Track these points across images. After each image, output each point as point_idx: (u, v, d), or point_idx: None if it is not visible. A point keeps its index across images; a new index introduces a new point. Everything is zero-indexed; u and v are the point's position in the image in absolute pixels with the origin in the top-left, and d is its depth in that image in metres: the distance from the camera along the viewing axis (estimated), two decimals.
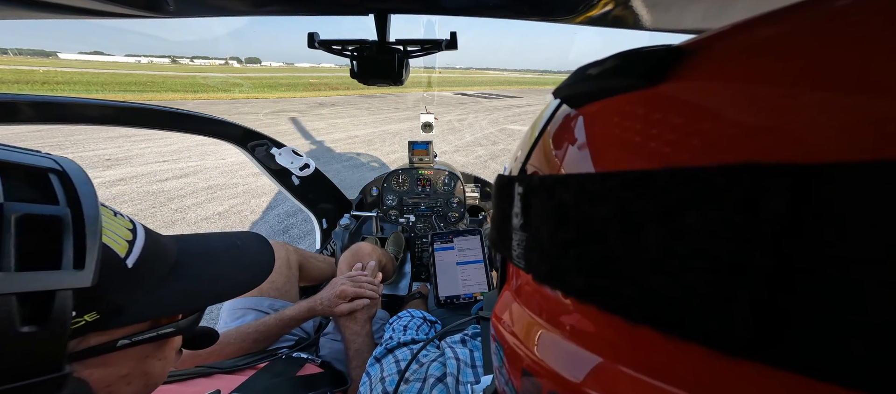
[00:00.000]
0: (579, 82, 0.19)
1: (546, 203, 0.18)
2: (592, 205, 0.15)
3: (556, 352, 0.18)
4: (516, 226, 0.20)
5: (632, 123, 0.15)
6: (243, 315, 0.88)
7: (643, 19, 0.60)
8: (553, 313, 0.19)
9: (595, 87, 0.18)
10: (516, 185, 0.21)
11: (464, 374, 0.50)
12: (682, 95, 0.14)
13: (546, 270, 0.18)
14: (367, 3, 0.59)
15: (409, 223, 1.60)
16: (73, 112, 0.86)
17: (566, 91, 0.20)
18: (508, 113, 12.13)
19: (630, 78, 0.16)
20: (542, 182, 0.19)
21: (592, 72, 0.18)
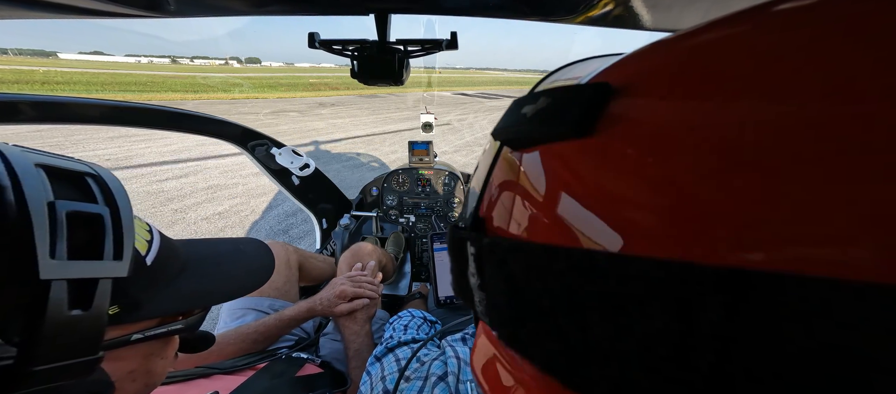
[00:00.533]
0: (516, 124, 0.17)
1: (498, 271, 0.17)
2: (541, 281, 0.14)
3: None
4: (474, 285, 0.19)
5: (571, 180, 0.14)
6: (243, 315, 0.88)
7: (643, 19, 0.60)
8: (517, 366, 0.19)
9: (530, 130, 0.16)
10: (468, 244, 0.19)
11: (465, 372, 0.50)
12: (612, 152, 0.13)
13: (507, 334, 0.17)
14: (368, 3, 0.59)
15: (409, 223, 1.60)
16: (73, 112, 0.86)
17: (503, 134, 0.19)
18: None
19: (562, 127, 0.14)
20: (493, 248, 0.17)
21: (527, 111, 0.17)
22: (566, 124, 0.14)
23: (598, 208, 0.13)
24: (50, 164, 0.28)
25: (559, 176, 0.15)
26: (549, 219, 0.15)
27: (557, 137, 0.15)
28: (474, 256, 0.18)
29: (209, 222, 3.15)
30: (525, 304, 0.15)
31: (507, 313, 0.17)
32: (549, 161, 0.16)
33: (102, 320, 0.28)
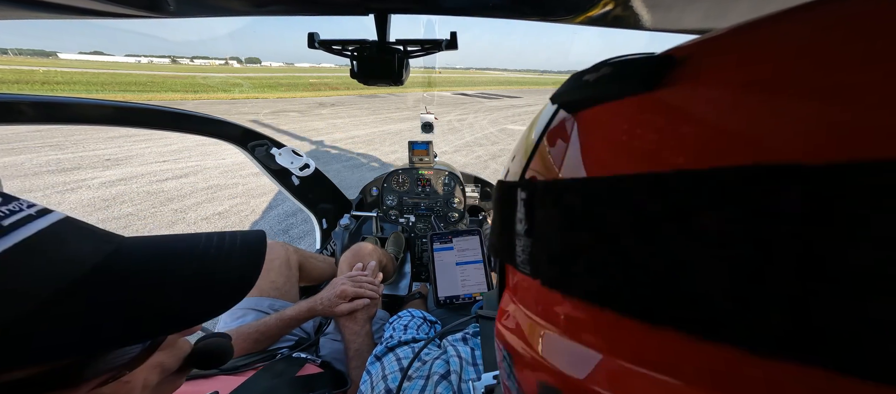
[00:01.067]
0: (577, 88, 0.19)
1: (552, 208, 0.18)
2: (603, 208, 0.15)
3: (559, 351, 0.18)
4: (520, 231, 0.20)
5: (633, 127, 0.16)
6: (243, 315, 0.89)
7: (643, 19, 0.60)
8: (555, 314, 0.19)
9: (593, 92, 0.18)
10: (519, 190, 0.21)
11: (466, 371, 0.50)
12: (679, 100, 0.14)
13: (554, 275, 0.18)
14: (368, 3, 0.59)
15: (409, 223, 1.60)
16: (73, 112, 0.86)
17: (565, 97, 0.20)
18: (508, 113, 12.13)
19: (627, 83, 0.16)
20: (548, 187, 0.19)
21: (589, 78, 0.18)
22: (634, 81, 0.16)
23: (660, 141, 0.14)
24: None
25: (619, 125, 0.16)
26: (609, 158, 0.17)
27: (624, 93, 0.16)
28: (525, 202, 0.20)
29: (209, 222, 3.16)
30: (581, 235, 0.16)
31: (559, 250, 0.17)
32: (610, 120, 0.17)
33: None
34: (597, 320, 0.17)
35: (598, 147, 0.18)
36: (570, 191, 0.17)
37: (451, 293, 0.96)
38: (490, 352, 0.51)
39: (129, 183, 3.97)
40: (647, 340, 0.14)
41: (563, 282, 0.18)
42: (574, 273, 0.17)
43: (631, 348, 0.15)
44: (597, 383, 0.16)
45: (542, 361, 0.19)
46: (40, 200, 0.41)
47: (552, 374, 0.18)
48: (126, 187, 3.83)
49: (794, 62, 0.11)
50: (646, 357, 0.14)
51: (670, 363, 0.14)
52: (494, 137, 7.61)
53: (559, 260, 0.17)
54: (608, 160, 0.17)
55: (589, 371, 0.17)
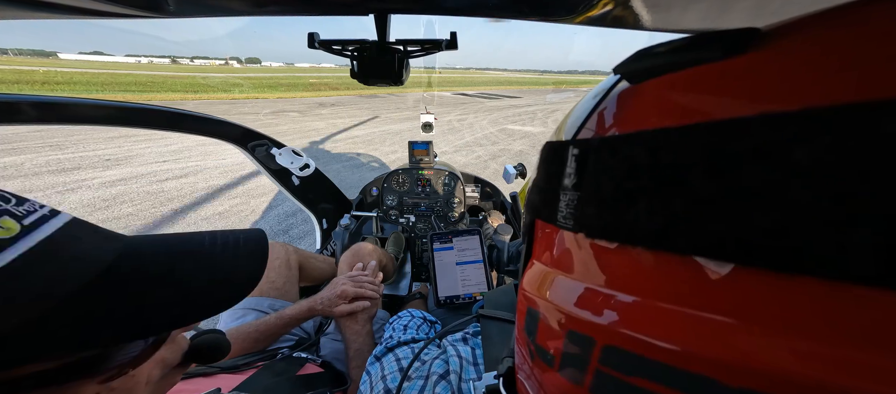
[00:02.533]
0: (644, 59, 0.20)
1: (610, 159, 0.19)
2: (671, 154, 0.16)
3: (607, 306, 0.19)
4: (568, 186, 0.22)
5: (707, 89, 0.17)
6: (244, 315, 0.89)
7: (643, 19, 0.60)
8: (606, 270, 0.20)
9: (665, 61, 0.19)
10: (571, 148, 0.22)
11: (466, 371, 0.50)
12: (766, 64, 0.15)
13: (604, 224, 0.19)
14: (368, 3, 0.59)
15: (410, 223, 1.61)
16: (74, 112, 0.86)
17: (630, 67, 0.21)
18: (508, 113, 12.13)
19: (710, 51, 0.17)
20: (605, 141, 0.20)
21: (661, 49, 0.19)
22: (717, 49, 0.17)
23: (734, 93, 0.16)
24: None
25: (692, 88, 0.18)
26: (677, 113, 0.18)
27: (697, 61, 0.17)
28: (577, 157, 0.21)
29: (209, 222, 3.16)
30: (642, 181, 0.17)
31: (611, 199, 0.19)
32: (681, 85, 0.18)
33: None
34: (639, 265, 0.18)
35: (663, 106, 0.19)
36: (630, 143, 0.18)
37: (452, 293, 0.96)
38: (491, 352, 0.51)
39: (129, 183, 3.97)
40: (699, 280, 0.15)
41: (613, 230, 0.19)
42: (629, 220, 0.17)
43: (678, 290, 0.16)
44: (631, 327, 0.17)
45: (572, 313, 0.20)
46: (41, 201, 0.42)
47: (583, 324, 0.20)
48: (126, 187, 3.84)
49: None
50: (698, 297, 0.15)
51: (728, 301, 0.14)
52: (494, 137, 7.61)
53: (611, 209, 0.19)
54: (677, 114, 0.18)
55: (622, 316, 0.18)
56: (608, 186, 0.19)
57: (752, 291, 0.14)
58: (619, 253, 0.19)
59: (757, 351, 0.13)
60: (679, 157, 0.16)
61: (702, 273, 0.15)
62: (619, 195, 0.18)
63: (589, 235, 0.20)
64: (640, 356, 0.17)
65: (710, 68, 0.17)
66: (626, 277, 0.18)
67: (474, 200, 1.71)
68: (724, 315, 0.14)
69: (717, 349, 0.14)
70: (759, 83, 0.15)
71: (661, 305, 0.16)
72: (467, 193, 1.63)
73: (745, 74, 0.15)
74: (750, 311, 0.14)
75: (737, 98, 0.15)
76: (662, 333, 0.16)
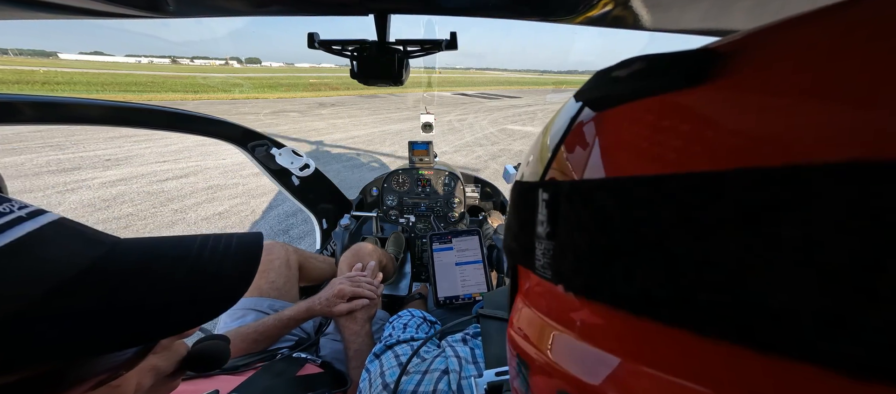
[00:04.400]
0: (605, 85, 0.18)
1: (582, 209, 0.17)
2: (645, 210, 0.14)
3: (577, 357, 0.18)
4: (541, 234, 0.20)
5: (675, 124, 0.15)
6: (243, 316, 0.89)
7: (643, 19, 0.60)
8: (574, 319, 0.19)
9: (626, 89, 0.17)
10: (540, 191, 0.20)
11: (466, 370, 0.51)
12: (736, 94, 0.13)
13: (582, 282, 0.17)
14: (368, 3, 0.59)
15: (410, 223, 1.61)
16: (74, 112, 0.86)
17: (591, 94, 0.19)
18: (508, 113, 12.14)
19: (669, 79, 0.15)
20: (576, 187, 0.18)
21: (620, 74, 0.17)
22: (676, 76, 0.15)
23: (704, 137, 0.13)
24: None
25: (657, 123, 0.15)
26: (648, 156, 0.15)
27: (665, 89, 0.15)
28: (547, 203, 0.19)
29: (209, 223, 3.16)
30: (617, 238, 0.15)
31: (587, 255, 0.17)
32: (647, 117, 0.16)
33: None
34: (625, 326, 0.16)
35: (631, 147, 0.16)
36: (602, 191, 0.16)
37: (451, 294, 0.96)
38: (492, 350, 0.51)
39: (129, 183, 3.97)
40: (685, 348, 0.14)
41: (593, 289, 0.17)
42: (607, 280, 0.16)
43: (664, 357, 0.14)
44: (615, 390, 0.16)
45: (558, 367, 0.19)
46: (41, 201, 0.40)
47: (569, 381, 0.18)
48: (126, 188, 3.84)
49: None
50: (683, 366, 0.14)
51: (710, 374, 0.13)
52: (494, 137, 7.61)
53: (588, 266, 0.17)
54: (644, 160, 0.16)
55: (606, 377, 0.16)
56: (582, 239, 0.17)
57: (744, 368, 0.12)
58: (602, 310, 0.17)
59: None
60: (651, 214, 0.14)
61: (683, 343, 0.14)
62: (596, 251, 0.16)
63: (568, 290, 0.18)
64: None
65: (675, 98, 0.15)
66: (611, 335, 0.17)
67: (474, 200, 1.70)
68: (703, 386, 0.13)
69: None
70: (729, 122, 0.13)
71: (646, 370, 0.15)
72: (467, 193, 1.63)
73: (712, 110, 0.13)
74: (733, 385, 0.12)
75: (707, 144, 0.13)
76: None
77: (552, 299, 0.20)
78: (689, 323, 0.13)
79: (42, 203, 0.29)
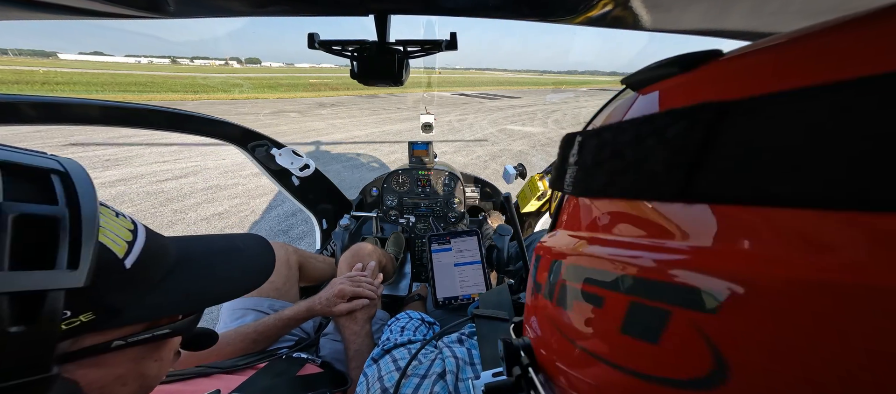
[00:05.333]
0: (640, 73, 0.26)
1: (591, 142, 0.25)
2: (615, 138, 0.23)
3: (572, 241, 0.27)
4: (570, 162, 0.28)
5: (656, 97, 0.23)
6: (243, 316, 0.88)
7: (643, 20, 0.60)
8: (585, 220, 0.28)
9: (649, 75, 0.25)
10: (578, 137, 0.28)
11: (463, 371, 0.51)
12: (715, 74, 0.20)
13: (585, 186, 0.26)
14: (368, 3, 0.59)
15: (409, 224, 1.61)
16: (74, 113, 0.86)
17: (631, 79, 0.27)
18: (508, 113, 12.14)
19: (675, 67, 0.22)
20: (593, 131, 0.26)
21: (652, 65, 0.24)
22: (679, 66, 0.22)
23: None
24: (7, 160, 0.25)
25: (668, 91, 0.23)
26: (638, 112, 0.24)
27: (673, 73, 0.22)
28: (580, 143, 0.27)
29: (209, 223, 3.16)
30: (603, 157, 0.24)
31: (590, 168, 0.25)
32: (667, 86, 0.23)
33: (53, 335, 0.25)
34: (592, 209, 0.26)
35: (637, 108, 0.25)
36: (603, 131, 0.24)
37: (450, 294, 0.96)
38: (488, 351, 0.51)
39: (129, 183, 3.97)
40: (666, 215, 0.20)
41: (584, 188, 0.26)
42: (593, 181, 0.24)
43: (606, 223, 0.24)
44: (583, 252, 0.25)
45: (551, 245, 0.30)
46: None
47: (556, 253, 0.28)
48: (126, 188, 3.83)
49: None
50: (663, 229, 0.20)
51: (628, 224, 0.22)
52: (494, 137, 7.61)
53: (588, 174, 0.25)
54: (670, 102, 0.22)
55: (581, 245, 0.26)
56: (588, 159, 0.25)
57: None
58: (587, 203, 0.27)
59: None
60: (618, 140, 0.22)
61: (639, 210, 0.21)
62: (592, 165, 0.25)
63: (574, 194, 0.28)
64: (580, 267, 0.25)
65: (671, 81, 0.22)
66: (585, 219, 0.27)
67: (474, 200, 1.71)
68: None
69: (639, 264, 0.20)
70: (694, 88, 0.20)
71: (596, 235, 0.25)
72: (467, 193, 1.63)
73: (694, 82, 0.21)
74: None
75: (653, 104, 0.23)
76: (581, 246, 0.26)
77: (576, 210, 0.30)
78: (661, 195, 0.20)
79: None
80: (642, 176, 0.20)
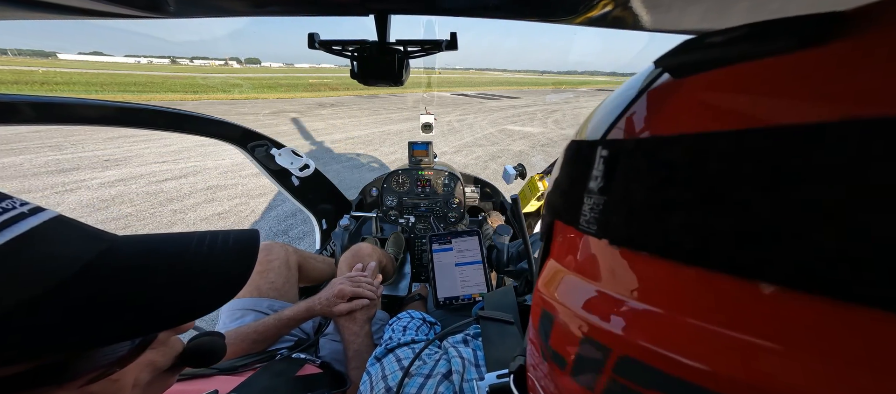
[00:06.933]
0: (693, 51, 0.18)
1: (644, 164, 0.18)
2: (718, 163, 0.15)
3: (629, 318, 0.18)
4: (593, 189, 0.21)
5: (768, 89, 0.15)
6: (242, 316, 0.88)
7: (643, 20, 0.60)
8: (616, 274, 0.20)
9: (720, 54, 0.17)
10: (599, 148, 0.21)
11: (469, 371, 0.51)
12: (852, 57, 0.13)
13: (631, 233, 0.18)
14: (368, 3, 0.59)
15: (409, 224, 1.60)
16: (73, 113, 0.85)
17: (675, 59, 0.19)
18: (508, 113, 12.14)
19: (779, 42, 0.15)
20: (640, 144, 0.19)
21: (715, 40, 0.17)
22: (786, 36, 0.14)
23: (807, 95, 0.13)
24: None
25: (753, 88, 0.15)
26: (728, 112, 0.16)
27: (761, 54, 0.15)
28: (606, 159, 0.20)
29: (208, 223, 3.15)
30: (681, 191, 0.16)
31: (643, 207, 0.17)
32: (734, 81, 0.16)
33: None
34: (669, 277, 0.17)
35: (711, 106, 0.17)
36: (670, 146, 0.17)
37: (451, 294, 0.96)
38: (492, 353, 0.51)
39: (128, 184, 3.96)
40: (737, 298, 0.14)
41: (640, 241, 0.18)
42: (662, 231, 0.16)
43: (711, 306, 0.15)
44: (652, 340, 0.16)
45: (589, 320, 0.20)
46: (39, 201, 0.40)
47: (599, 332, 0.19)
48: (125, 188, 3.83)
49: None
50: (734, 318, 0.14)
51: (756, 321, 0.13)
52: (494, 137, 7.61)
53: (642, 218, 0.17)
54: (728, 118, 0.16)
55: (643, 327, 0.17)
56: (640, 193, 0.18)
57: (804, 317, 0.13)
58: (647, 262, 0.18)
59: (802, 381, 0.12)
60: (728, 166, 0.14)
61: (744, 293, 0.14)
62: (653, 204, 0.17)
63: (613, 243, 0.19)
64: (659, 370, 0.16)
65: (775, 63, 0.15)
66: (653, 288, 0.17)
67: (474, 200, 1.71)
68: (767, 340, 0.13)
69: (752, 374, 0.13)
70: (840, 80, 0.13)
71: (690, 321, 0.15)
72: (467, 193, 1.63)
73: (822, 70, 0.13)
74: (799, 338, 0.13)
75: (807, 99, 0.13)
76: (689, 350, 0.15)
77: (591, 255, 0.22)
78: (751, 272, 0.14)
79: (41, 203, 0.29)
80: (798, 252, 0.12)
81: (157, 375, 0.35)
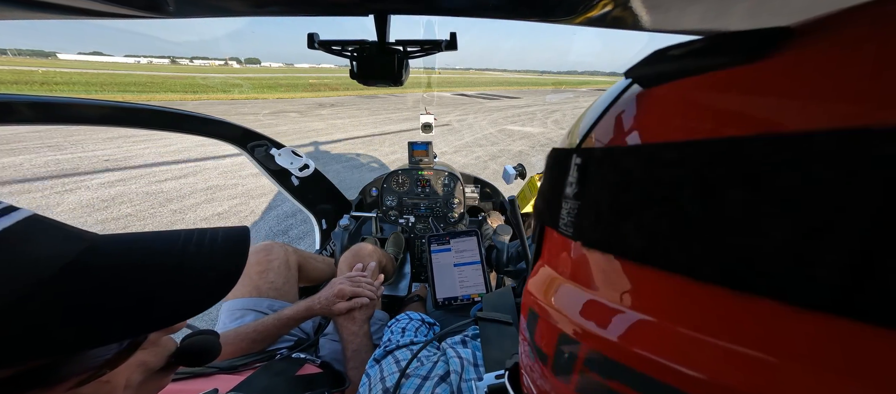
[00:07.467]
0: (657, 62, 0.19)
1: (609, 172, 0.19)
2: (665, 171, 0.16)
3: (599, 316, 0.19)
4: (569, 194, 0.22)
5: (716, 98, 0.16)
6: (242, 316, 0.88)
7: (642, 20, 0.60)
8: (587, 274, 0.21)
9: (678, 65, 0.18)
10: (574, 156, 0.22)
11: (467, 372, 0.51)
12: (786, 70, 0.14)
13: (598, 237, 0.19)
14: (368, 3, 0.59)
15: (409, 224, 1.60)
16: (73, 113, 0.85)
17: (641, 70, 0.20)
18: (508, 113, 12.14)
19: (728, 57, 0.16)
20: (607, 153, 0.20)
21: (676, 52, 0.18)
22: (735, 53, 0.15)
23: (754, 109, 0.14)
24: None
25: (701, 101, 0.16)
26: (676, 133, 0.17)
27: (721, 66, 0.16)
28: (579, 166, 0.21)
29: (208, 223, 3.15)
30: (634, 196, 0.17)
31: (606, 212, 0.19)
32: (690, 93, 0.17)
33: None
34: (635, 279, 0.18)
35: (668, 118, 0.18)
36: (630, 156, 0.18)
37: (450, 295, 0.96)
38: (491, 353, 0.51)
39: (128, 184, 3.96)
40: (686, 297, 0.15)
41: (605, 242, 0.19)
42: (621, 234, 0.18)
43: (664, 304, 0.16)
44: (628, 342, 0.17)
45: (564, 315, 0.21)
46: (39, 201, 0.40)
47: (572, 326, 0.21)
48: (125, 188, 3.83)
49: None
50: (682, 313, 0.15)
51: (706, 318, 0.15)
52: (494, 137, 7.61)
53: (606, 222, 0.19)
54: (677, 129, 0.17)
55: (626, 333, 0.18)
56: (605, 198, 0.19)
57: (746, 316, 0.13)
58: (611, 263, 0.19)
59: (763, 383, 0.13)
60: (671, 175, 0.15)
61: (689, 289, 0.15)
62: (614, 209, 0.18)
63: (585, 245, 0.21)
64: (624, 366, 0.17)
65: (720, 76, 0.16)
66: (618, 287, 0.19)
67: (474, 200, 1.71)
68: (711, 336, 0.14)
69: (717, 374, 0.14)
70: (766, 95, 0.14)
71: (649, 318, 0.17)
72: (467, 193, 1.63)
73: (753, 84, 0.14)
74: (727, 329, 0.14)
75: (735, 114, 0.15)
76: (652, 347, 0.16)
77: (570, 256, 0.23)
78: (687, 270, 0.15)
79: (40, 204, 0.28)
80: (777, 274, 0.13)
81: (149, 375, 0.34)
